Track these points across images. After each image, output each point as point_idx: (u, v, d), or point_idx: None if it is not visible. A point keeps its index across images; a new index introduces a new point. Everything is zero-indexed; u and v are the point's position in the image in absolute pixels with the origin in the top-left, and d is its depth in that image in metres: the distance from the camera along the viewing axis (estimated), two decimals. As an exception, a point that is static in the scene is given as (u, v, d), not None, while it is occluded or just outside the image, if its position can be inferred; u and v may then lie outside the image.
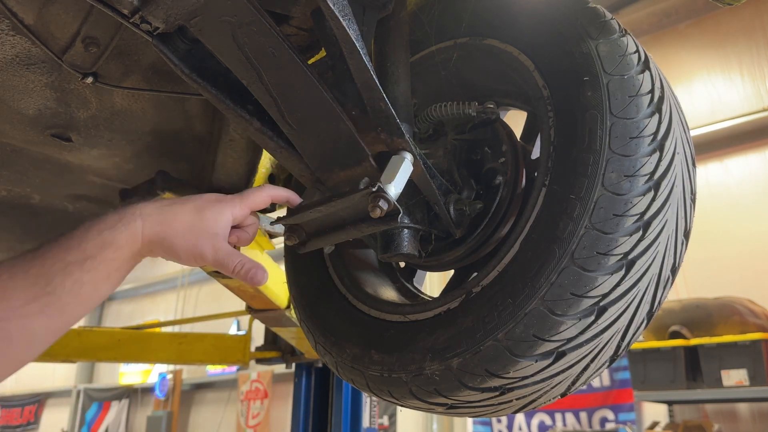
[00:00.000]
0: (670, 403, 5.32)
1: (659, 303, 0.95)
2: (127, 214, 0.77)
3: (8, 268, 0.68)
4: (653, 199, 0.88)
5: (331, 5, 0.81)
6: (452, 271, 1.27)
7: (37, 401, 13.01)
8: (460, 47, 1.18)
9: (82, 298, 0.71)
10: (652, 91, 0.94)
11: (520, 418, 6.55)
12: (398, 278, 1.34)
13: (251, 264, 0.85)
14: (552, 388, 0.96)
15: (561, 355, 0.89)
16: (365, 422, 3.89)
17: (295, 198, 1.01)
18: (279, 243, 1.80)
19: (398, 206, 0.92)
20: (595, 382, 6.06)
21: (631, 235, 0.87)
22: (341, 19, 0.83)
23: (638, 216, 0.87)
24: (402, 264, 1.37)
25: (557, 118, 0.98)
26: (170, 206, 0.81)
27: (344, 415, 3.68)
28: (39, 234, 2.09)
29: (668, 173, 0.90)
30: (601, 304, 0.87)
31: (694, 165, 1.00)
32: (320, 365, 3.91)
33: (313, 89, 0.93)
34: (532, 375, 0.91)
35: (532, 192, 0.98)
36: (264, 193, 0.94)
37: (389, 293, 1.27)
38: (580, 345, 0.89)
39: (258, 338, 4.13)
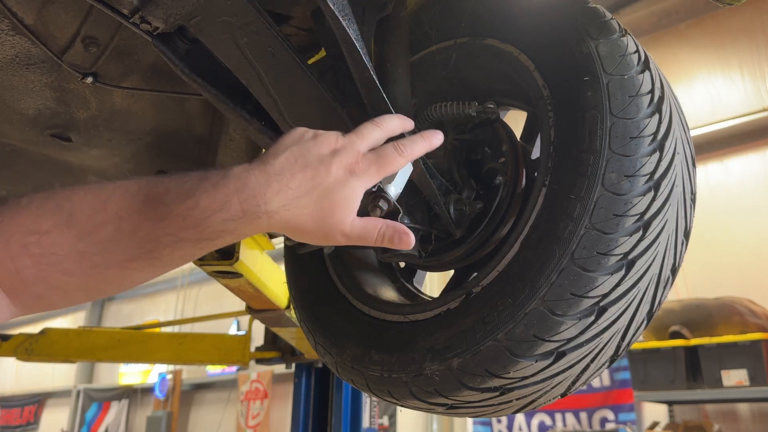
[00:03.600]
0: (670, 403, 5.32)
1: (659, 303, 0.95)
2: (251, 207, 0.68)
3: (116, 219, 0.64)
4: (653, 199, 0.88)
5: (331, 5, 0.81)
6: (452, 271, 1.27)
7: (37, 401, 13.01)
8: (460, 47, 1.18)
9: (188, 260, 0.71)
10: (652, 91, 0.93)
11: (520, 418, 6.55)
12: (398, 278, 1.34)
13: (391, 231, 0.76)
14: (552, 388, 0.96)
15: (561, 356, 0.89)
16: (365, 422, 3.89)
17: (437, 140, 0.85)
18: (279, 243, 1.80)
19: (398, 206, 0.92)
20: (595, 382, 6.06)
21: (631, 235, 0.87)
22: (341, 19, 0.83)
23: (638, 216, 0.87)
24: (402, 264, 1.37)
25: (557, 118, 0.98)
26: (298, 200, 0.71)
27: (344, 415, 3.68)
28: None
29: (668, 173, 0.90)
30: (601, 304, 0.87)
31: (694, 165, 1.00)
32: (320, 365, 3.91)
33: (313, 89, 0.93)
34: (532, 375, 0.91)
35: (532, 192, 0.98)
36: (402, 159, 0.80)
37: (389, 293, 1.27)
38: (580, 345, 0.89)
39: (258, 338, 4.13)
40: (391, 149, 0.78)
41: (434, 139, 0.84)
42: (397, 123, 0.84)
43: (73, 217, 0.63)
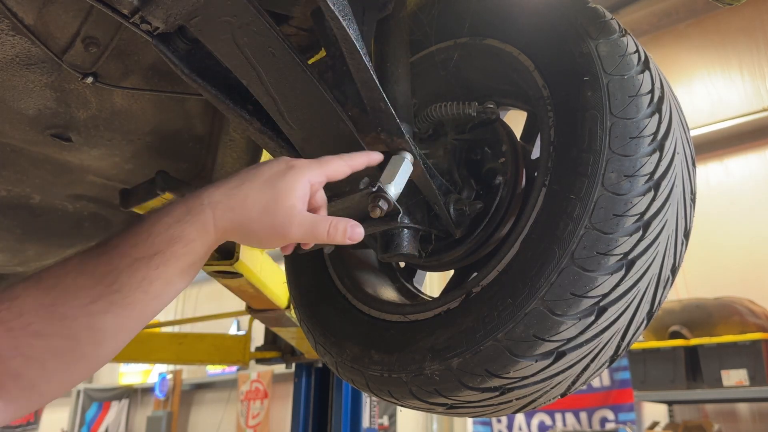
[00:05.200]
0: (670, 403, 5.32)
1: (659, 303, 0.95)
2: (195, 204, 0.71)
3: (77, 265, 0.66)
4: (653, 199, 0.88)
5: (331, 5, 0.81)
6: (452, 271, 1.27)
7: (37, 401, 13.00)
8: (460, 47, 1.18)
9: (152, 295, 0.68)
10: (652, 91, 0.94)
11: (520, 418, 6.55)
12: (398, 278, 1.34)
13: (344, 223, 0.77)
14: (552, 388, 0.96)
15: (561, 355, 0.89)
16: (365, 422, 3.89)
17: (375, 157, 0.92)
18: (279, 243, 1.80)
19: (398, 206, 0.92)
20: (595, 382, 6.06)
21: (631, 235, 0.87)
22: (341, 19, 0.83)
23: (638, 216, 0.87)
24: (402, 264, 1.37)
25: (557, 118, 0.98)
26: (239, 188, 0.74)
27: (344, 415, 3.68)
28: (39, 234, 2.09)
29: (668, 173, 0.90)
30: (601, 304, 0.87)
31: (694, 165, 1.00)
32: (320, 365, 3.91)
33: (313, 89, 0.93)
34: (532, 375, 0.91)
35: (532, 192, 0.98)
36: (343, 163, 0.85)
37: (389, 293, 1.27)
38: (580, 345, 0.89)
39: (258, 338, 4.13)
40: (332, 155, 0.85)
41: (374, 155, 0.92)
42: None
43: (41, 279, 0.65)
